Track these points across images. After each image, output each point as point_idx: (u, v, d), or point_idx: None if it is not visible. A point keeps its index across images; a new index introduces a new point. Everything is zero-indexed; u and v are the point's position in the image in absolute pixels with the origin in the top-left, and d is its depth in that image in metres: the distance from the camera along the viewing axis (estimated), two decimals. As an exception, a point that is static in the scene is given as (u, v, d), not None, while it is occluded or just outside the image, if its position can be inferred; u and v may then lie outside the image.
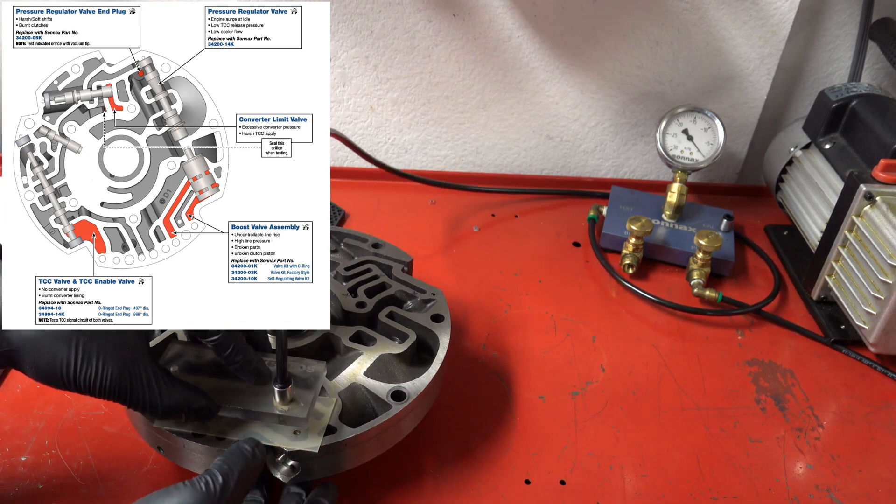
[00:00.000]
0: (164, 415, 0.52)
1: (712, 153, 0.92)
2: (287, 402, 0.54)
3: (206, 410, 0.53)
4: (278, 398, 0.54)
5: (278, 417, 0.54)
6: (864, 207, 0.75)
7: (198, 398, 0.53)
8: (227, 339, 0.53)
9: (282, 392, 0.54)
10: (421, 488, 0.63)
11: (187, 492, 0.46)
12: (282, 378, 0.53)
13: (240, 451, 0.50)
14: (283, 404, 0.54)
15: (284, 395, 0.54)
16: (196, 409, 0.53)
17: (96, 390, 0.49)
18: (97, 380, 0.48)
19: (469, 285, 0.86)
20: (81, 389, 0.49)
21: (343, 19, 0.94)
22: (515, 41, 0.96)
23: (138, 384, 0.50)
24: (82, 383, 0.48)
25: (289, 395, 0.54)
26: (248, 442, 0.52)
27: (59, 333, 0.48)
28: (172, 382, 0.52)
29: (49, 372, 0.48)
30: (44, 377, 0.49)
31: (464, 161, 1.08)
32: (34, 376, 0.49)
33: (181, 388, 0.52)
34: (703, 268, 0.87)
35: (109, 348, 0.49)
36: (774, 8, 0.93)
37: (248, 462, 0.50)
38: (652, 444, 0.69)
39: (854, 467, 0.68)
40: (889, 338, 0.74)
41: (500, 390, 0.73)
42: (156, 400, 0.51)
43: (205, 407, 0.53)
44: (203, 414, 0.53)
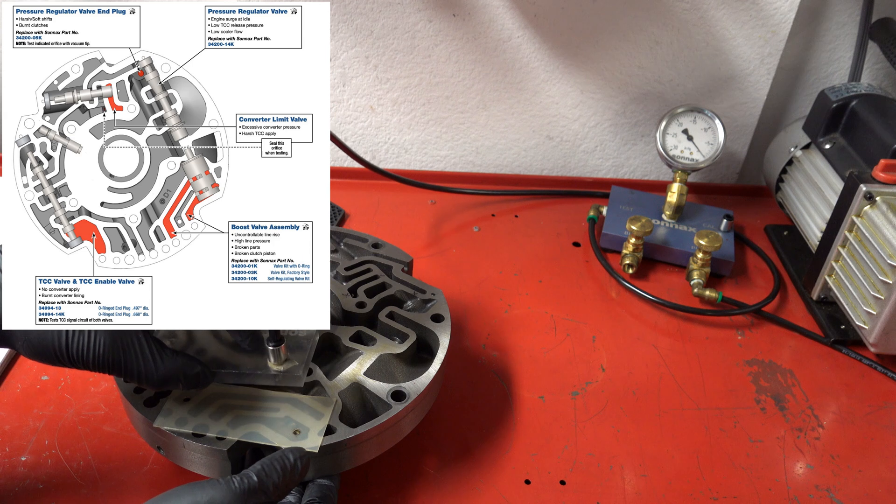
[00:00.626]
0: (160, 383, 0.51)
1: (712, 153, 0.92)
2: (281, 362, 0.54)
3: (201, 376, 0.53)
4: (272, 358, 0.54)
5: (273, 377, 0.54)
6: (864, 207, 0.75)
7: (192, 364, 0.52)
8: None
9: (276, 351, 0.53)
10: (421, 488, 0.63)
11: (219, 488, 0.46)
12: (275, 337, 0.53)
13: (282, 458, 0.50)
14: (277, 364, 0.54)
15: (279, 355, 0.54)
16: (192, 375, 0.52)
17: (90, 362, 0.49)
18: (90, 351, 0.48)
19: (469, 285, 0.86)
20: (75, 362, 0.49)
21: (343, 19, 0.94)
22: (515, 41, 0.96)
23: (131, 353, 0.49)
24: (75, 355, 0.48)
25: (283, 354, 0.54)
26: (294, 452, 0.51)
27: None
28: (166, 351, 0.51)
29: (41, 346, 0.48)
30: (36, 352, 0.48)
31: (464, 161, 1.08)
32: (26, 352, 0.49)
33: (175, 355, 0.52)
34: (703, 268, 0.87)
35: None
36: (774, 8, 0.93)
37: (288, 471, 0.50)
38: (652, 444, 0.69)
39: (854, 467, 0.68)
40: (889, 338, 0.74)
41: (500, 390, 0.73)
42: (150, 369, 0.50)
43: (200, 373, 0.53)
44: (199, 380, 0.53)
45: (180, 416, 0.55)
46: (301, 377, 0.53)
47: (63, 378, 0.70)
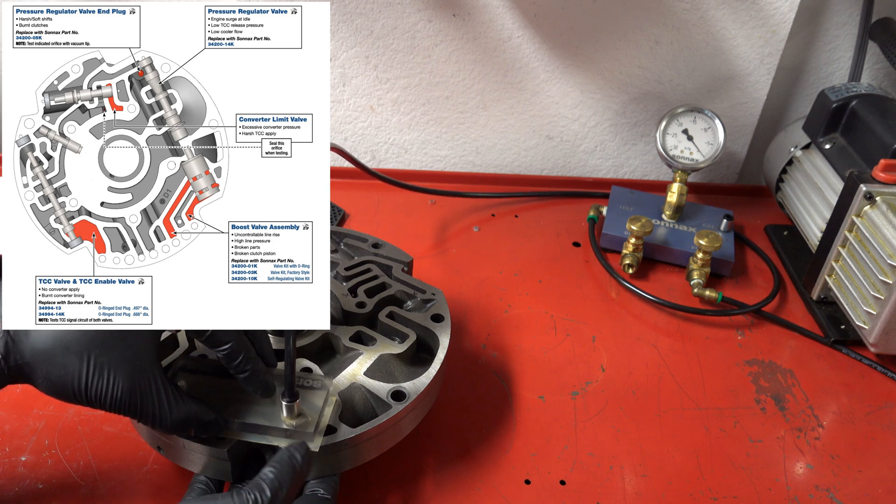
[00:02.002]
0: (174, 428, 0.52)
1: (712, 153, 0.92)
2: (295, 417, 0.54)
3: (214, 424, 0.53)
4: (286, 412, 0.54)
5: (285, 432, 0.54)
6: (864, 207, 0.75)
7: (207, 412, 0.53)
8: (238, 348, 0.53)
9: (290, 406, 0.53)
10: (421, 488, 0.63)
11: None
12: (290, 393, 0.53)
13: (290, 461, 0.49)
14: (290, 419, 0.54)
15: (292, 410, 0.53)
16: (205, 422, 0.53)
17: (107, 404, 0.49)
18: (108, 394, 0.49)
19: (469, 285, 0.86)
20: (93, 403, 0.49)
21: (343, 19, 0.94)
22: (515, 41, 0.96)
23: (148, 398, 0.50)
24: (94, 397, 0.49)
25: (296, 409, 0.54)
26: (299, 449, 0.50)
27: (70, 346, 0.48)
28: (182, 396, 0.52)
29: (61, 385, 0.48)
30: (56, 391, 0.49)
31: (464, 161, 1.08)
32: (46, 390, 0.49)
33: (190, 402, 0.52)
34: (703, 268, 0.87)
35: (121, 362, 0.49)
36: (774, 8, 0.93)
37: (296, 472, 0.49)
38: (652, 444, 0.69)
39: (854, 467, 0.68)
40: (889, 338, 0.74)
41: (500, 390, 0.73)
42: (165, 414, 0.51)
43: (214, 421, 0.53)
44: (212, 428, 0.53)
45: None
46: (311, 435, 0.53)
47: (63, 378, 0.70)
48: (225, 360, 0.53)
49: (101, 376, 0.48)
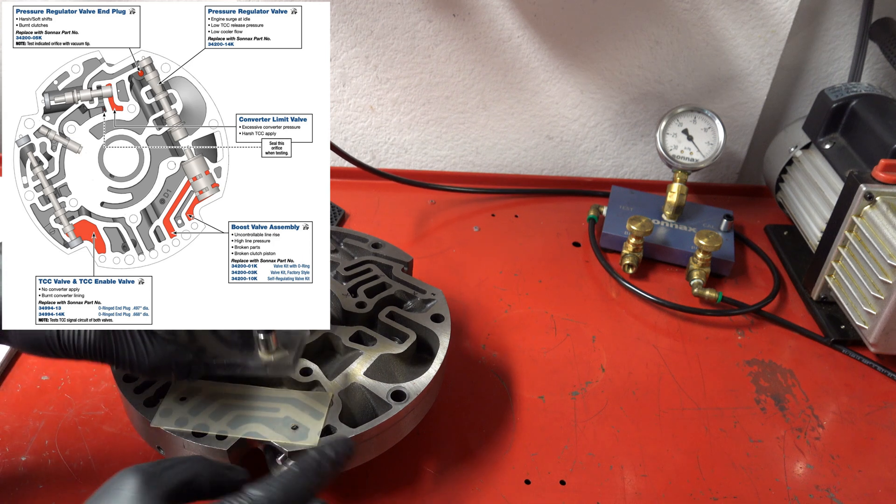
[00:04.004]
0: (151, 370, 0.51)
1: (712, 153, 0.92)
2: (272, 352, 0.53)
3: (193, 365, 0.52)
4: (263, 347, 0.53)
5: (264, 367, 0.53)
6: (864, 207, 0.75)
7: (184, 353, 0.52)
8: None
9: (266, 340, 0.53)
10: (421, 488, 0.63)
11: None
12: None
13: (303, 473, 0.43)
14: (268, 353, 0.53)
15: (269, 345, 0.53)
16: (183, 363, 0.52)
17: (80, 351, 0.49)
18: (80, 339, 0.48)
19: (469, 285, 0.86)
20: (68, 352, 0.49)
21: (343, 19, 0.94)
22: (515, 41, 0.96)
23: (122, 341, 0.49)
24: (67, 344, 0.48)
25: (273, 343, 0.53)
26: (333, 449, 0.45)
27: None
28: (157, 339, 0.51)
29: (32, 337, 0.48)
30: (28, 344, 0.48)
31: (464, 161, 1.08)
32: (19, 344, 0.49)
33: (166, 344, 0.51)
34: (703, 268, 0.87)
35: None
36: (774, 8, 0.93)
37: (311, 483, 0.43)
38: (652, 444, 0.69)
39: (854, 467, 0.68)
40: (889, 338, 0.74)
41: (500, 390, 0.73)
42: (142, 356, 0.50)
43: (192, 361, 0.52)
44: (191, 369, 0.52)
45: (180, 416, 0.55)
46: (291, 366, 0.53)
47: (63, 378, 0.70)
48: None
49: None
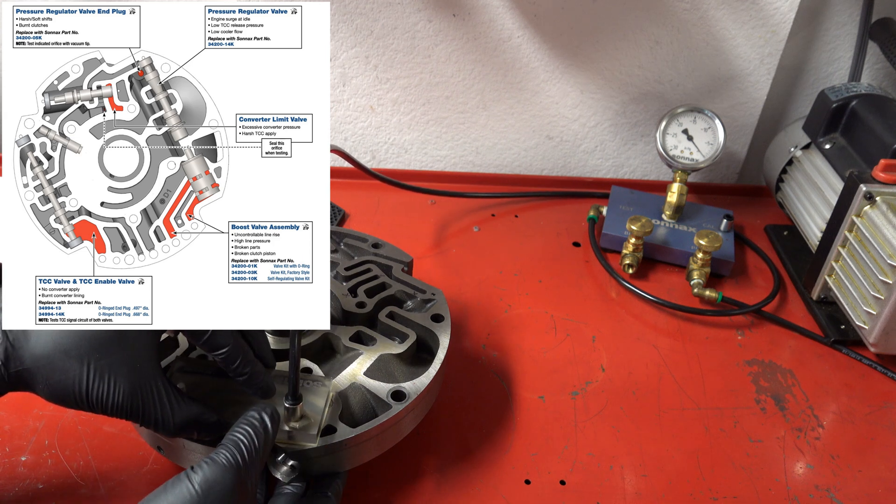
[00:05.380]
0: (177, 432, 0.52)
1: (712, 153, 0.92)
2: (297, 419, 0.54)
3: (217, 426, 0.53)
4: (288, 415, 0.54)
5: (287, 434, 0.54)
6: (864, 207, 0.75)
7: (209, 414, 0.53)
8: (235, 351, 0.53)
9: (292, 409, 0.53)
10: (421, 488, 0.63)
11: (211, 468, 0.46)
12: (294, 395, 0.53)
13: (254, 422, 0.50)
14: (293, 421, 0.54)
15: (295, 412, 0.53)
16: (208, 425, 0.53)
17: (108, 408, 0.49)
18: (109, 398, 0.48)
19: (469, 285, 0.86)
20: (94, 408, 0.49)
21: (343, 19, 0.94)
22: (515, 41, 0.96)
23: (150, 402, 0.50)
24: (95, 402, 0.49)
25: (299, 412, 0.54)
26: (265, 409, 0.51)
27: (70, 350, 0.48)
28: (183, 399, 0.52)
29: (62, 391, 0.48)
30: (57, 397, 0.49)
31: (464, 161, 1.08)
32: (47, 396, 0.49)
33: (192, 404, 0.52)
34: (703, 268, 0.87)
35: (121, 365, 0.49)
36: (774, 8, 0.93)
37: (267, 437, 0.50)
38: (652, 444, 0.69)
39: (854, 467, 0.68)
40: (889, 338, 0.74)
41: (500, 390, 0.73)
42: (168, 417, 0.51)
43: (216, 423, 0.53)
44: (214, 429, 0.53)
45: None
46: (314, 437, 0.53)
47: (63, 378, 0.70)
48: (223, 363, 0.53)
49: (102, 380, 0.48)
